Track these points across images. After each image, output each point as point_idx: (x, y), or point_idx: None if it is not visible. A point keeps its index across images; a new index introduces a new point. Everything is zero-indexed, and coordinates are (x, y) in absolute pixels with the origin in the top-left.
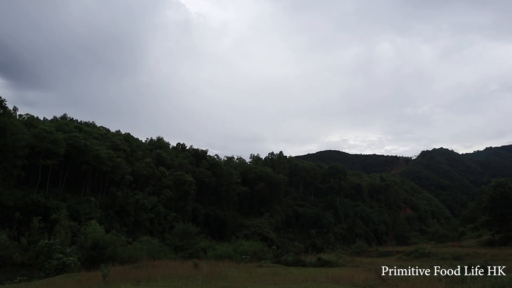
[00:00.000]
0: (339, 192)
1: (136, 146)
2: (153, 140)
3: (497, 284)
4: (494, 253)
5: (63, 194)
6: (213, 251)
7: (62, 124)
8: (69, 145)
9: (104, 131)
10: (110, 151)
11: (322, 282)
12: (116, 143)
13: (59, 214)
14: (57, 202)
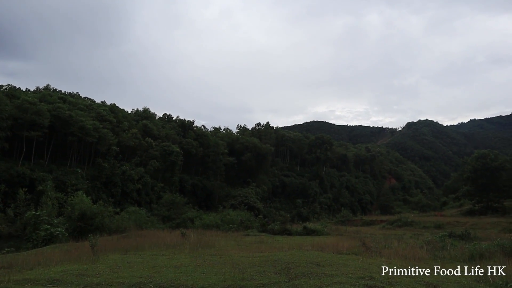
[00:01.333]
0: (325, 162)
1: (122, 117)
2: (139, 110)
3: (475, 250)
4: (474, 222)
5: (49, 166)
6: (200, 220)
7: (45, 95)
8: (53, 116)
9: (89, 102)
10: (96, 122)
11: (308, 250)
12: (102, 114)
13: (45, 186)
14: (43, 174)
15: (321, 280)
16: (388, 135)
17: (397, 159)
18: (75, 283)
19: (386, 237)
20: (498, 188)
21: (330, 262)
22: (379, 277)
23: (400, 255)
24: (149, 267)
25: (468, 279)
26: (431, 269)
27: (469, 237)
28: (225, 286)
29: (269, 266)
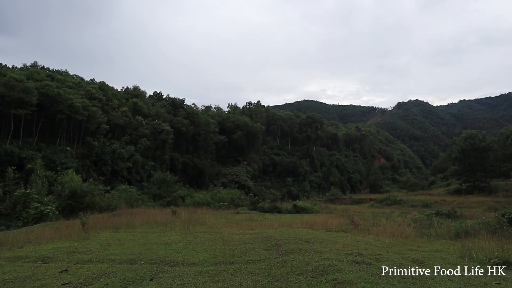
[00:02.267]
0: (316, 141)
1: (111, 95)
2: (129, 89)
3: (461, 228)
4: (461, 201)
5: (38, 144)
6: (191, 199)
7: (33, 72)
8: (42, 94)
9: (77, 79)
10: (85, 100)
11: (297, 228)
12: (91, 92)
13: (34, 164)
14: (32, 152)
15: (310, 257)
16: (379, 115)
17: (387, 138)
18: (66, 260)
19: (375, 215)
20: (485, 168)
21: (319, 239)
22: (367, 254)
23: (388, 232)
24: (140, 244)
25: (453, 255)
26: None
27: (456, 216)
28: (216, 262)
29: (259, 243)
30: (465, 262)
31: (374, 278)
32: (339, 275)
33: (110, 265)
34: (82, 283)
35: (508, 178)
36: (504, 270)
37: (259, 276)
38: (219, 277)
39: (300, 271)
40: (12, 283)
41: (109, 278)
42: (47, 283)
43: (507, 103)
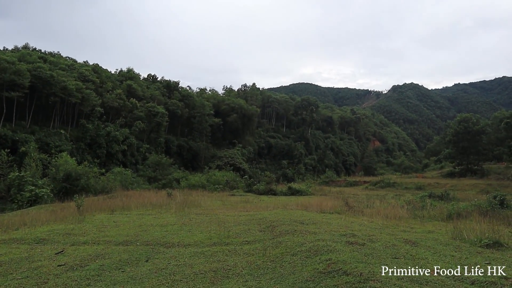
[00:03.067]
0: (311, 124)
1: (105, 77)
2: (123, 71)
3: (453, 210)
4: (454, 183)
5: (31, 127)
6: (186, 181)
7: (24, 54)
8: (34, 76)
9: (70, 61)
10: (78, 83)
11: (292, 209)
12: (84, 74)
13: (28, 147)
14: (25, 135)
15: (305, 238)
16: (374, 98)
17: (381, 121)
18: (62, 242)
19: (369, 197)
20: (478, 151)
21: (314, 221)
22: (360, 235)
23: (381, 214)
24: (136, 226)
25: (445, 236)
26: (411, 227)
27: (448, 198)
28: (211, 243)
29: (254, 225)
30: (457, 243)
31: (367, 258)
32: (333, 256)
33: (106, 247)
34: (78, 264)
35: (501, 162)
36: (494, 250)
37: (254, 257)
38: (214, 257)
39: (294, 252)
40: (8, 264)
41: (105, 259)
42: (43, 265)
43: (501, 87)
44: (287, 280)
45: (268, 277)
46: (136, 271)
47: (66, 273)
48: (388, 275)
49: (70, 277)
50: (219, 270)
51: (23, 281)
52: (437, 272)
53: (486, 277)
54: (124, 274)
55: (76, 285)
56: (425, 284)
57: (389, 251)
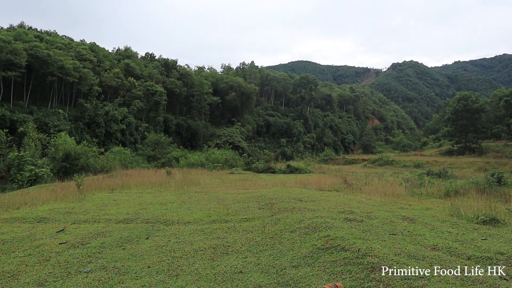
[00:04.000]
0: (310, 102)
1: (102, 56)
2: (120, 50)
3: (451, 187)
4: (452, 161)
5: (29, 107)
6: (186, 160)
7: (20, 33)
8: (31, 55)
9: (67, 40)
10: (76, 62)
11: (291, 187)
12: (81, 53)
13: (26, 127)
14: (24, 115)
15: (303, 215)
16: (373, 76)
17: (380, 100)
18: (63, 220)
19: (367, 175)
20: (476, 129)
21: (312, 198)
22: (358, 212)
23: (379, 191)
24: (136, 204)
25: (443, 213)
26: (409, 205)
27: (446, 175)
28: (210, 221)
29: (253, 202)
30: (454, 219)
31: (365, 235)
32: (331, 232)
33: (107, 225)
34: (80, 242)
35: (499, 140)
36: (490, 227)
37: (253, 234)
38: (213, 234)
39: (293, 229)
40: (10, 243)
41: (105, 237)
42: (44, 243)
43: (502, 65)
44: (286, 256)
45: (267, 253)
46: (137, 248)
47: (67, 251)
48: (385, 251)
49: (71, 255)
50: (219, 247)
51: (26, 259)
52: (434, 248)
53: (482, 252)
54: (125, 251)
55: (77, 262)
56: (421, 259)
57: (387, 227)
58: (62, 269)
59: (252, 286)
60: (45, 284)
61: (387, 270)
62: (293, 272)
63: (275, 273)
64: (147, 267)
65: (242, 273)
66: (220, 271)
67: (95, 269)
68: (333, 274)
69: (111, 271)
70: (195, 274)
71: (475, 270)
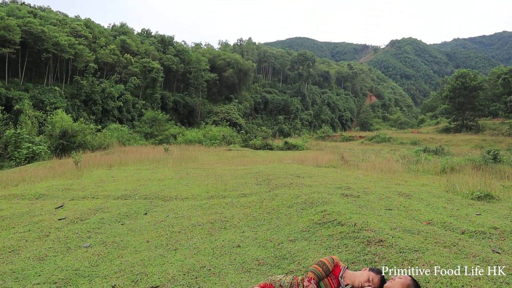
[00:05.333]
0: (307, 79)
1: (98, 32)
2: (116, 26)
3: (447, 164)
4: (449, 139)
5: (25, 84)
6: (183, 137)
7: (13, 8)
8: (25, 31)
9: (61, 16)
10: (71, 38)
11: (288, 163)
12: (76, 29)
13: (22, 105)
14: (19, 93)
15: (300, 190)
16: (371, 53)
17: (378, 77)
18: (61, 197)
19: (364, 152)
20: (474, 107)
21: (310, 174)
22: (355, 187)
23: (376, 168)
24: (134, 180)
25: (438, 189)
26: (405, 181)
27: (443, 152)
28: (208, 196)
29: (250, 178)
30: (449, 195)
31: (362, 210)
32: (328, 207)
33: (105, 201)
34: (79, 218)
35: (496, 117)
36: (485, 202)
37: (250, 209)
38: (212, 210)
39: (290, 204)
40: (10, 219)
41: (104, 213)
42: (44, 219)
43: (501, 42)
44: (283, 231)
45: (264, 228)
46: (135, 224)
47: (67, 226)
48: (381, 225)
49: (71, 230)
50: (217, 221)
51: (25, 234)
52: (429, 223)
53: (476, 227)
54: (124, 226)
55: (77, 237)
56: (417, 233)
57: (383, 203)
58: (62, 244)
59: (250, 260)
60: (45, 259)
61: (383, 244)
62: (290, 246)
63: (273, 247)
64: (146, 241)
65: (240, 247)
66: (218, 245)
67: (94, 244)
68: (329, 248)
69: (110, 245)
70: (193, 248)
71: (469, 244)
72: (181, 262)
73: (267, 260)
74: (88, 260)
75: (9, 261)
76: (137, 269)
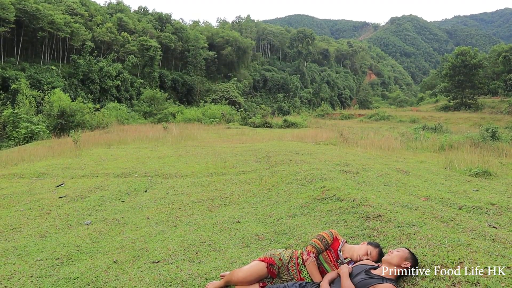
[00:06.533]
0: (307, 57)
1: (94, 10)
2: (112, 3)
3: (445, 141)
4: (448, 117)
5: (21, 64)
6: (182, 115)
7: None
8: (19, 10)
9: None
10: (66, 16)
11: (287, 141)
12: (72, 7)
13: (19, 84)
14: (16, 72)
15: (300, 167)
16: (371, 30)
17: (378, 54)
18: (61, 175)
19: (363, 130)
20: (473, 85)
21: (309, 151)
22: (354, 164)
23: (375, 145)
24: (133, 158)
25: (437, 166)
26: (404, 158)
27: (441, 130)
28: (208, 174)
29: (250, 155)
30: (447, 172)
31: (360, 186)
32: (327, 183)
33: (105, 179)
34: (79, 195)
35: (495, 96)
36: (483, 179)
37: (250, 186)
38: (211, 187)
39: (289, 180)
40: (10, 197)
41: (104, 191)
42: (44, 197)
43: (502, 19)
44: (282, 207)
45: (264, 204)
46: (136, 201)
47: (67, 204)
48: (380, 201)
49: (72, 208)
50: (216, 198)
51: (27, 212)
52: (427, 198)
53: (473, 202)
54: (124, 204)
55: (78, 215)
56: (415, 209)
57: (382, 179)
58: (63, 222)
59: (250, 235)
60: (47, 236)
61: (381, 219)
62: (290, 222)
63: (272, 222)
64: (147, 218)
65: (239, 223)
66: (218, 221)
67: (95, 221)
68: (328, 223)
69: (111, 222)
70: (193, 224)
71: (466, 219)
72: (182, 238)
73: (266, 235)
74: (89, 237)
75: (11, 238)
76: (138, 245)
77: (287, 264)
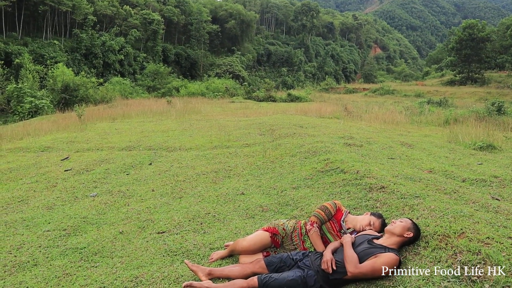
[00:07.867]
0: (311, 30)
1: None
2: None
3: (450, 116)
4: (453, 91)
5: (23, 39)
6: (186, 89)
7: None
8: None
9: None
10: None
11: (291, 114)
12: None
13: (22, 59)
14: (18, 47)
15: (304, 140)
16: (377, 3)
17: (383, 28)
18: (66, 149)
19: (368, 104)
20: (480, 59)
21: (313, 125)
22: (358, 137)
23: (379, 119)
24: (137, 132)
25: (441, 139)
26: (408, 132)
27: (447, 104)
28: (212, 147)
29: (254, 129)
30: (452, 145)
31: (364, 158)
32: (330, 156)
33: (110, 152)
34: (84, 168)
35: (503, 70)
36: (487, 153)
37: (254, 158)
38: (215, 159)
39: (293, 153)
40: (17, 171)
41: (109, 164)
42: (50, 170)
43: None
44: (286, 179)
45: (268, 176)
46: (141, 174)
47: (73, 177)
48: (384, 173)
49: (77, 180)
50: (221, 170)
51: (33, 185)
52: (430, 171)
53: (477, 175)
54: (129, 176)
55: (83, 187)
56: (418, 181)
57: (386, 152)
58: (69, 194)
59: (254, 206)
60: (53, 208)
61: (385, 190)
62: (293, 193)
63: (276, 194)
64: (151, 190)
65: (243, 195)
66: (222, 193)
67: (101, 194)
68: (332, 195)
69: (116, 195)
70: (198, 196)
71: (469, 191)
72: (186, 209)
73: (270, 206)
74: (95, 209)
75: (19, 210)
76: (144, 216)
77: (290, 234)
